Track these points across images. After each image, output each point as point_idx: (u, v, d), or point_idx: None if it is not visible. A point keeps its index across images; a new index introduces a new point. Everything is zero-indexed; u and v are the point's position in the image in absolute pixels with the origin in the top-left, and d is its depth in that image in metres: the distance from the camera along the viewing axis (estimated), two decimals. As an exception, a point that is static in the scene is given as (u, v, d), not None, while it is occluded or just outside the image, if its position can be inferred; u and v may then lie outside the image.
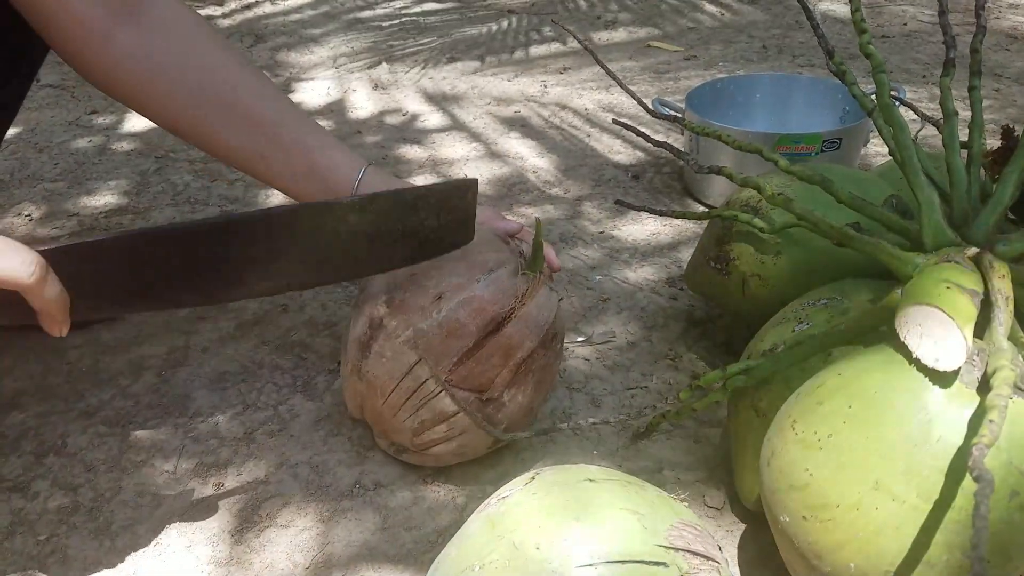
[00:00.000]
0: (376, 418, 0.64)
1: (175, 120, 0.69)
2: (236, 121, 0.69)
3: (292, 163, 0.69)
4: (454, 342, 0.59)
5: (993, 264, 0.51)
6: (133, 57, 0.66)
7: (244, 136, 0.69)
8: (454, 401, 0.60)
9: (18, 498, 0.65)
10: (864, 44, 0.61)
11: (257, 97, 0.69)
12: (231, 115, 0.68)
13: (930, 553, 0.44)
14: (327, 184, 0.69)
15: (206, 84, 0.68)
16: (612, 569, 0.43)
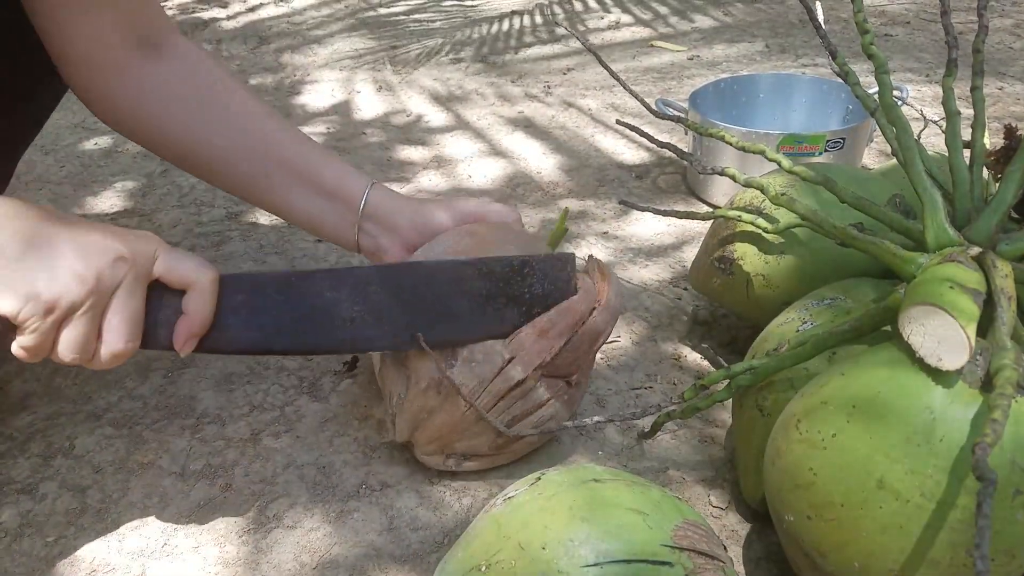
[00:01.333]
0: (450, 429, 0.63)
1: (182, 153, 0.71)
2: (242, 146, 0.70)
3: (297, 180, 0.70)
4: (546, 341, 0.62)
5: (996, 264, 0.51)
6: (147, 93, 0.68)
7: (250, 159, 0.70)
8: (547, 390, 0.63)
9: (26, 500, 0.65)
10: (867, 45, 0.61)
11: (261, 120, 0.71)
12: (237, 141, 0.70)
13: (934, 552, 0.44)
14: (334, 200, 0.70)
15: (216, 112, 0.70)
16: (618, 569, 0.43)
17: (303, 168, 0.70)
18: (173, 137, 0.70)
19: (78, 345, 0.50)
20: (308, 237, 1.01)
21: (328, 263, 0.96)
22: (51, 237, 0.48)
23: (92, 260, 0.49)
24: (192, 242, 1.01)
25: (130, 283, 0.51)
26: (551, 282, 0.62)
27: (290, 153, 0.70)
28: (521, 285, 0.61)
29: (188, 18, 1.88)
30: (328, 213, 0.71)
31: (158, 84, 0.68)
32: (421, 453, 0.66)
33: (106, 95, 0.68)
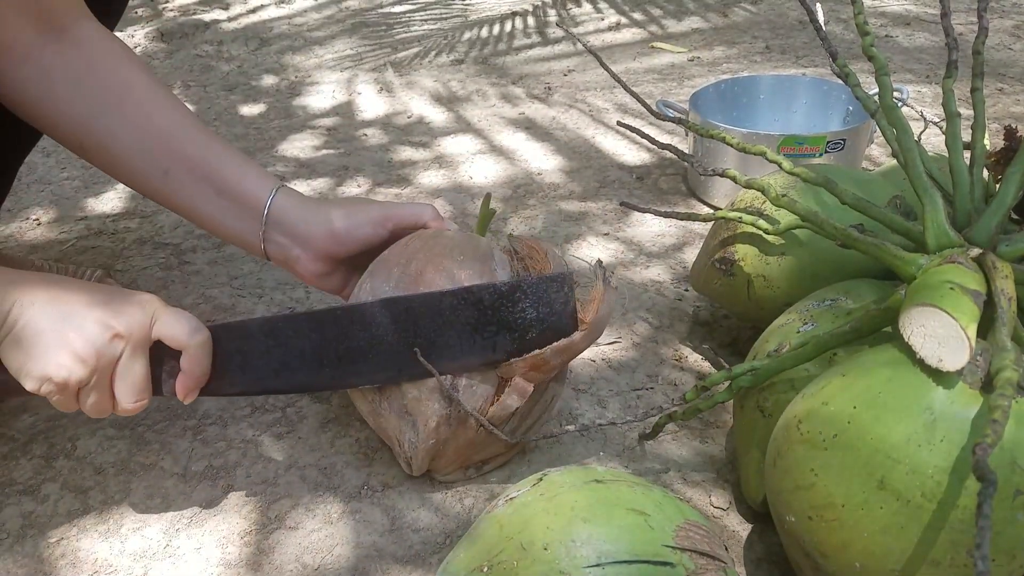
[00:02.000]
0: (466, 449, 0.63)
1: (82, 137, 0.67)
2: (143, 137, 0.66)
3: (197, 179, 0.66)
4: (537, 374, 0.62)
5: (996, 265, 0.51)
6: (44, 74, 0.65)
7: (149, 153, 0.66)
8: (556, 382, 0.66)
9: (28, 501, 0.65)
10: (867, 47, 0.62)
11: (165, 115, 0.67)
12: (139, 132, 0.66)
13: (934, 552, 0.44)
14: (236, 202, 0.67)
15: (116, 101, 0.66)
16: (619, 569, 0.43)
17: (203, 166, 0.66)
18: (71, 126, 0.67)
19: (96, 408, 0.57)
20: (309, 238, 1.02)
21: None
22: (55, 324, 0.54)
23: (91, 342, 0.54)
24: (193, 243, 1.01)
25: (128, 355, 0.56)
26: (546, 305, 0.60)
27: (191, 150, 0.66)
28: (512, 311, 0.60)
29: (189, 20, 1.88)
30: (231, 218, 0.67)
31: (59, 70, 0.65)
32: (441, 477, 0.66)
33: (5, 77, 0.65)
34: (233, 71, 1.62)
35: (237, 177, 0.67)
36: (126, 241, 1.02)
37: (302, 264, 0.67)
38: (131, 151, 0.67)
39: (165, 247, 1.00)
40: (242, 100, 1.47)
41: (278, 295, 0.91)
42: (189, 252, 0.99)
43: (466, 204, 1.10)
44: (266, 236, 0.67)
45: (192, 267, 0.96)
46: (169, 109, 0.67)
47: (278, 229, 0.67)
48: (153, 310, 0.57)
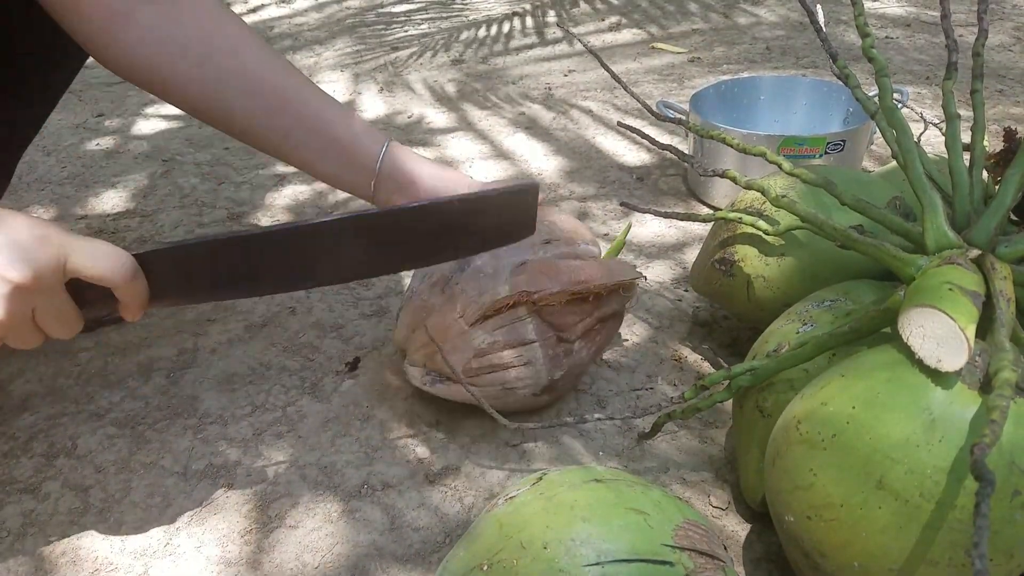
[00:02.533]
0: (438, 333, 0.64)
1: (196, 100, 0.69)
2: (259, 100, 0.68)
3: (315, 139, 0.70)
4: (553, 280, 0.64)
5: (995, 266, 0.51)
6: (155, 37, 0.66)
7: (268, 115, 0.69)
8: (535, 330, 0.64)
9: (29, 499, 0.66)
10: (867, 48, 0.62)
11: (278, 75, 0.70)
12: (255, 94, 0.68)
13: (933, 552, 0.44)
14: (350, 159, 0.71)
15: (229, 64, 0.67)
16: (619, 568, 0.43)
17: (320, 126, 0.70)
18: (185, 89, 0.68)
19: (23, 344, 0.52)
20: (310, 238, 1.02)
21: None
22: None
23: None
24: (194, 243, 1.01)
25: (43, 302, 0.51)
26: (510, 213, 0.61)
27: (308, 110, 0.70)
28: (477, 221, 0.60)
29: (190, 19, 1.88)
30: (346, 172, 0.72)
31: (165, 31, 0.66)
32: (408, 363, 0.67)
33: (113, 43, 0.66)
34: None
35: (351, 134, 0.71)
36: (126, 240, 1.02)
37: None
38: (251, 115, 0.69)
39: (165, 246, 1.01)
40: (242, 99, 1.47)
41: (278, 294, 0.91)
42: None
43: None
44: (376, 187, 0.72)
45: (192, 266, 0.96)
46: (282, 72, 0.70)
47: (387, 180, 0.71)
48: (58, 246, 0.50)
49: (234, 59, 0.68)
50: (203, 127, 1.36)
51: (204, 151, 1.27)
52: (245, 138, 0.72)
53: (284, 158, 0.72)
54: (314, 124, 0.70)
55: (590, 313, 0.67)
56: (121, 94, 1.52)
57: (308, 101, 0.70)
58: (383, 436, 0.71)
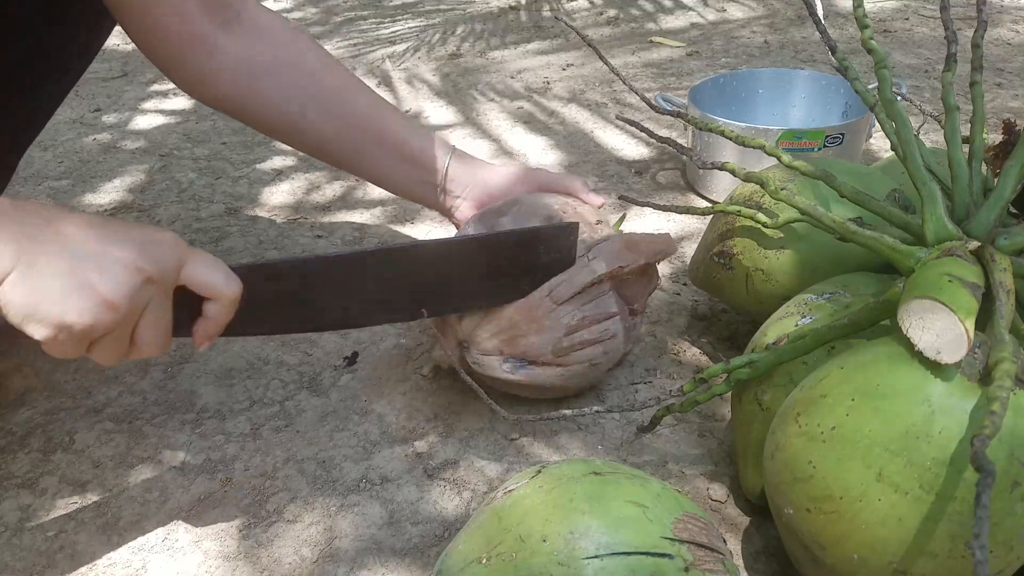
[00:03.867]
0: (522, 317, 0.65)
1: (274, 122, 0.74)
2: (332, 119, 0.73)
3: (385, 154, 0.75)
4: (630, 254, 0.67)
5: (994, 257, 0.51)
6: (237, 64, 0.70)
7: (340, 133, 0.74)
8: (616, 303, 0.68)
9: (26, 494, 0.65)
10: (866, 40, 0.61)
11: (348, 92, 0.74)
12: (328, 114, 0.73)
13: (933, 544, 0.44)
14: (418, 172, 0.76)
15: (304, 85, 0.72)
16: (618, 561, 0.43)
17: (393, 141, 0.74)
18: (264, 112, 0.72)
19: (109, 356, 0.52)
20: (308, 232, 1.01)
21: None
22: (80, 260, 0.47)
23: (121, 286, 0.48)
24: (191, 237, 1.01)
25: (157, 302, 0.51)
26: (556, 250, 0.65)
27: (381, 127, 0.74)
28: (526, 257, 0.64)
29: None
30: (415, 183, 0.76)
31: (244, 57, 0.69)
32: (478, 352, 0.66)
33: (192, 72, 0.69)
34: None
35: (419, 147, 0.76)
36: (124, 235, 1.02)
37: (460, 211, 0.77)
38: (328, 135, 0.74)
39: (163, 241, 1.00)
40: (240, 94, 1.47)
41: (276, 289, 0.90)
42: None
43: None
44: (442, 194, 0.77)
45: (190, 261, 0.96)
46: (356, 91, 0.75)
47: (451, 186, 0.77)
48: (180, 251, 0.52)
49: (310, 81, 0.72)
50: (200, 122, 1.36)
51: (202, 146, 1.27)
52: (319, 155, 0.77)
53: (357, 173, 0.78)
54: (382, 138, 0.74)
55: (649, 283, 0.72)
56: (118, 89, 1.51)
57: (378, 118, 0.74)
58: (381, 430, 0.71)
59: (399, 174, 0.76)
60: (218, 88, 0.70)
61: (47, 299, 0.46)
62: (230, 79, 0.70)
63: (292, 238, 1.00)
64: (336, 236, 1.01)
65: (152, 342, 0.52)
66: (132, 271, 0.48)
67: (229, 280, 0.54)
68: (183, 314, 0.54)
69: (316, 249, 0.98)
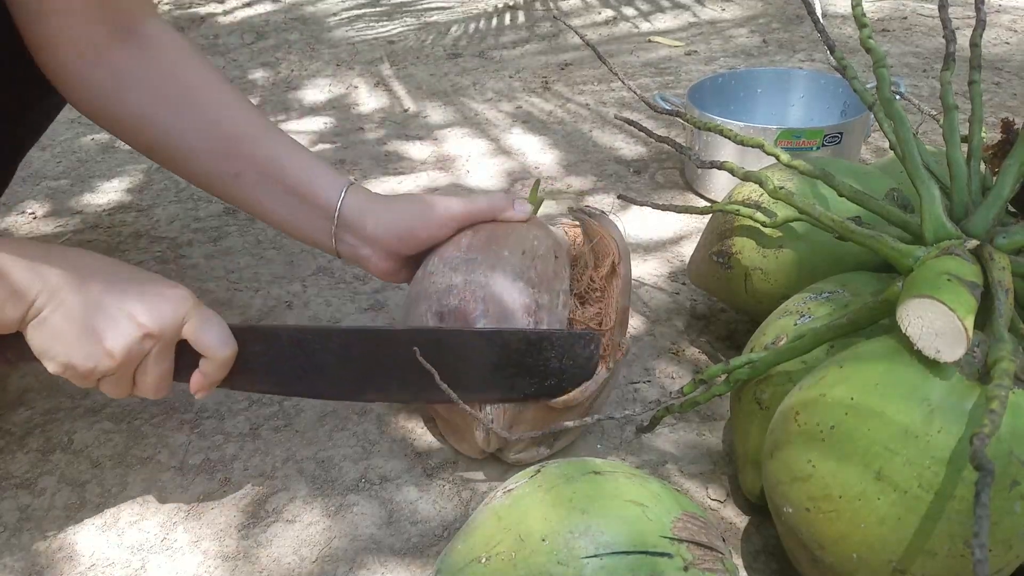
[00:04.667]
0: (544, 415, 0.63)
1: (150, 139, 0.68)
2: (213, 140, 0.66)
3: (269, 183, 0.67)
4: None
5: (993, 256, 0.51)
6: (120, 77, 0.66)
7: (220, 155, 0.67)
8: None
9: (25, 494, 0.65)
10: (865, 39, 0.61)
11: (235, 116, 0.68)
12: (209, 135, 0.66)
13: (932, 543, 0.44)
14: (308, 203, 0.67)
15: (186, 102, 0.67)
16: (617, 560, 0.43)
17: (273, 169, 0.66)
18: (141, 127, 0.67)
19: (114, 392, 0.58)
20: (306, 232, 1.01)
21: (334, 268, 0.96)
22: (87, 312, 0.54)
23: (122, 338, 0.54)
24: (189, 237, 1.01)
25: (157, 353, 0.56)
26: (570, 358, 0.61)
27: (260, 152, 0.66)
28: (537, 358, 0.61)
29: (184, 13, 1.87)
30: (302, 218, 0.67)
31: (130, 71, 0.66)
32: (513, 455, 0.65)
33: (79, 80, 0.66)
34: (228, 64, 1.62)
35: (307, 178, 0.66)
36: (122, 235, 1.02)
37: (372, 263, 0.69)
38: (201, 154, 0.67)
39: (161, 241, 1.00)
40: (238, 94, 1.47)
41: (275, 289, 0.90)
42: (185, 246, 0.99)
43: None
44: (337, 237, 0.68)
45: (188, 261, 0.96)
46: (238, 110, 0.68)
47: (348, 230, 0.67)
48: (186, 309, 0.56)
49: (191, 103, 0.67)
50: (199, 122, 1.36)
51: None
52: (198, 181, 0.70)
53: (238, 201, 0.69)
54: (267, 167, 0.66)
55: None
56: (116, 89, 1.51)
57: (262, 142, 0.67)
58: (380, 430, 0.71)
59: (285, 209, 0.67)
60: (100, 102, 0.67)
61: (60, 341, 0.54)
62: (111, 94, 0.66)
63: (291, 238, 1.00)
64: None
65: (151, 385, 0.58)
66: (135, 326, 0.54)
67: (223, 343, 0.58)
68: (186, 362, 0.59)
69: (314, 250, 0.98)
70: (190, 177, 0.70)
